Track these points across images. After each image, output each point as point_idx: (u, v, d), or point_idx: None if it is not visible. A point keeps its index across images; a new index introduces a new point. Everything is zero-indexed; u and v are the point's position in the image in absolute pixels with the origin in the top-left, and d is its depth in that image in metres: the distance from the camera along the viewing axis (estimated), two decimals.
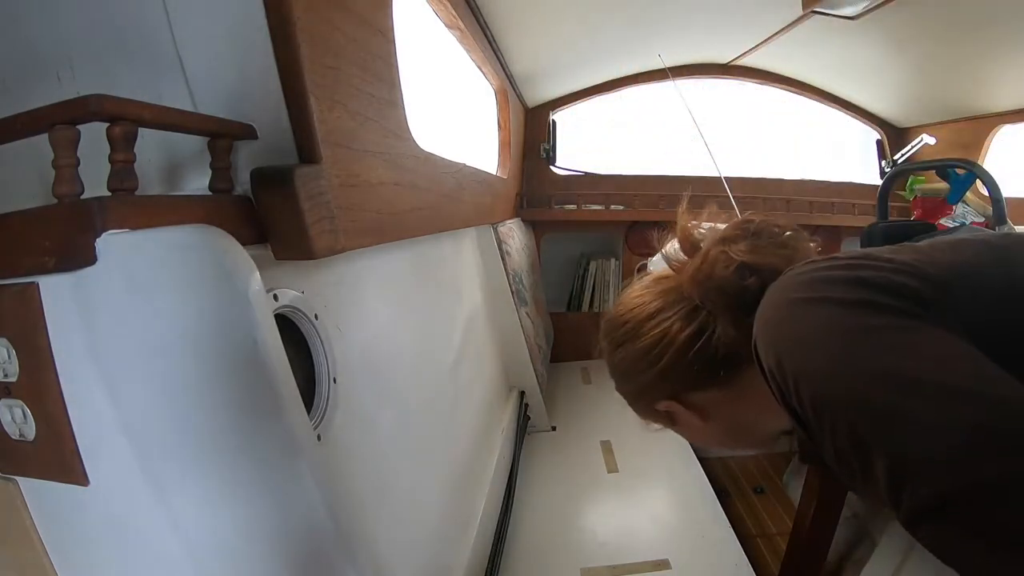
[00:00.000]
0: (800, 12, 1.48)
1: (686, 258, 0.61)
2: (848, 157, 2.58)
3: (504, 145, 2.00)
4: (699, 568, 1.08)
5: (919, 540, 0.39)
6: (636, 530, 1.20)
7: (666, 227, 0.65)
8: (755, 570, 1.07)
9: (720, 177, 1.63)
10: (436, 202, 0.99)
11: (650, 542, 1.16)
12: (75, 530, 0.47)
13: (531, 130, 2.29)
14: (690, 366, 0.57)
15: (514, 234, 1.89)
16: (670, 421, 0.64)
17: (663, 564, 1.08)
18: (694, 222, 0.62)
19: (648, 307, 0.60)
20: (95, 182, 0.44)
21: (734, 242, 0.57)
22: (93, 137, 0.43)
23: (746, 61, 2.14)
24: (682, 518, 1.24)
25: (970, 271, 0.45)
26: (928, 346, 0.40)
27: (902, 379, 0.39)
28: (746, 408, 0.60)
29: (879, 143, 2.39)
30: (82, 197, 0.43)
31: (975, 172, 1.58)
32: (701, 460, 1.48)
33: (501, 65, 1.73)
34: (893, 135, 2.34)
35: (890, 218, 1.72)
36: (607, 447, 1.60)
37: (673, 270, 0.62)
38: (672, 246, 0.63)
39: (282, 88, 0.54)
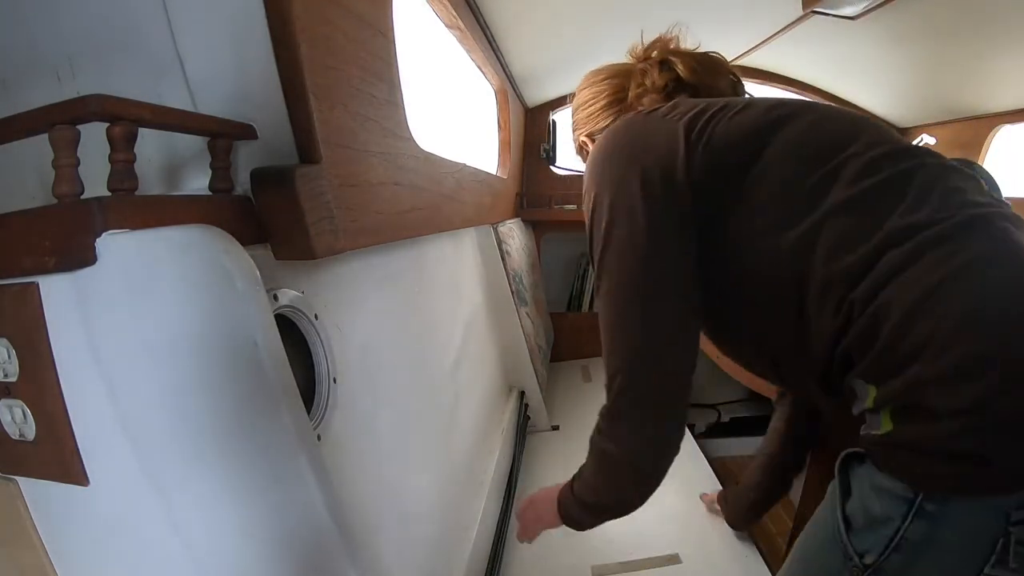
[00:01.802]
0: (800, 12, 1.48)
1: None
2: None
3: (504, 145, 2.00)
4: (709, 561, 1.08)
5: None
6: (644, 526, 1.18)
7: None
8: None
9: None
10: (436, 202, 0.99)
11: (659, 537, 1.15)
12: (75, 530, 0.47)
13: (531, 130, 2.29)
14: (604, 120, 0.85)
15: (514, 234, 1.89)
16: (586, 156, 0.88)
17: (673, 559, 1.08)
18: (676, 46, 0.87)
19: (608, 72, 0.87)
20: (95, 182, 0.44)
21: (681, 55, 0.83)
22: (93, 137, 0.43)
23: (746, 61, 2.14)
24: (690, 513, 1.23)
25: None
26: (641, 256, 0.63)
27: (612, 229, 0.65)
28: None
29: None
30: (82, 197, 0.43)
31: (975, 172, 1.57)
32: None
33: (501, 65, 1.73)
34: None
35: None
36: None
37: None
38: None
39: (282, 88, 0.54)
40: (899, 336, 0.49)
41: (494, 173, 1.86)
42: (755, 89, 2.33)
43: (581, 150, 0.91)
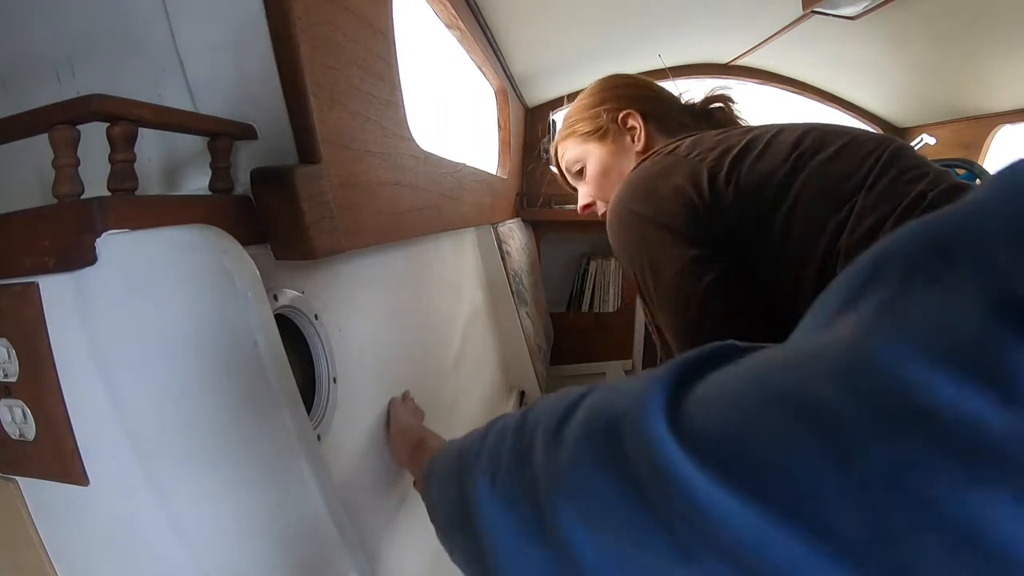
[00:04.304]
0: (800, 12, 1.48)
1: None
2: None
3: (504, 145, 2.00)
4: None
5: None
6: None
7: None
8: None
9: None
10: (436, 202, 0.99)
11: None
12: (75, 530, 0.47)
13: (531, 130, 2.29)
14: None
15: (514, 234, 1.89)
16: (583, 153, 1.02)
17: None
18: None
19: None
20: (95, 182, 0.44)
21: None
22: (93, 137, 0.43)
23: (746, 61, 2.14)
24: None
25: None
26: (675, 266, 0.67)
27: (655, 280, 0.69)
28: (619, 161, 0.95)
29: None
30: (82, 197, 0.43)
31: (975, 172, 1.58)
32: None
33: (501, 65, 1.73)
34: (893, 135, 2.34)
35: None
36: None
37: None
38: None
39: (282, 88, 0.54)
40: None
41: (494, 173, 1.86)
42: (755, 89, 2.33)
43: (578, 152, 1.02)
